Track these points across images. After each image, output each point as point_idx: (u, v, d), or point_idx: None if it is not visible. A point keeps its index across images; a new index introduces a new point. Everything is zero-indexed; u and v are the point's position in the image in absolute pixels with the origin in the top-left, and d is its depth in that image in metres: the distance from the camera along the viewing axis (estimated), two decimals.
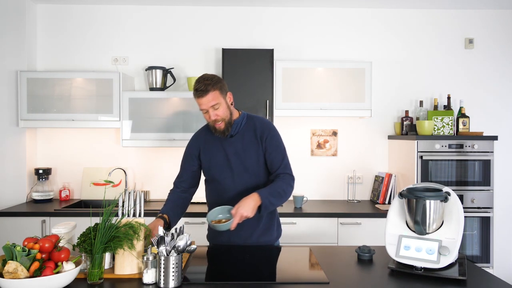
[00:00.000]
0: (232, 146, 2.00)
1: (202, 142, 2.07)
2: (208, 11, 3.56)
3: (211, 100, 1.88)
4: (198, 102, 1.90)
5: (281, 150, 2.02)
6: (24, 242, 1.45)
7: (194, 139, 2.12)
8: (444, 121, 3.24)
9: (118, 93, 3.20)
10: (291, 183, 1.97)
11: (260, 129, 2.01)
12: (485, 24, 3.61)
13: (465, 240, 3.10)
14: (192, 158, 2.08)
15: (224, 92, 1.93)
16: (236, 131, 2.01)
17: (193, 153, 2.08)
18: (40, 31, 3.53)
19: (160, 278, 1.46)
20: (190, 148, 2.11)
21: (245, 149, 1.99)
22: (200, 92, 1.87)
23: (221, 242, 2.04)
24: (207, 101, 1.88)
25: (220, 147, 2.02)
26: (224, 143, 2.02)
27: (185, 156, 2.12)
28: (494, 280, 1.57)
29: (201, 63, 3.56)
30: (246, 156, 1.98)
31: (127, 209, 1.66)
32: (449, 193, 1.65)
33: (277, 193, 1.90)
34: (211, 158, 2.03)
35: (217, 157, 2.01)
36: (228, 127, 1.96)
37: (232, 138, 2.01)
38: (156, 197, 3.54)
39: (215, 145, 2.03)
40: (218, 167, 2.01)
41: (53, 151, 3.53)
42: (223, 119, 1.93)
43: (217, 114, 1.91)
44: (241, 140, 2.00)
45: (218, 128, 1.95)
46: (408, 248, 1.63)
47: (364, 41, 3.59)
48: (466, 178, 3.10)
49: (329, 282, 1.54)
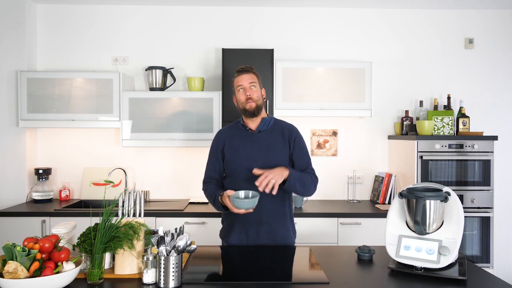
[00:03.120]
0: (259, 142, 2.06)
1: (228, 136, 2.11)
2: (208, 11, 3.56)
3: (250, 78, 2.05)
4: (237, 80, 2.06)
5: (307, 153, 2.13)
6: (24, 242, 1.45)
7: (218, 135, 2.17)
8: (444, 121, 3.24)
9: (118, 93, 3.20)
10: (315, 182, 2.07)
11: (288, 130, 2.11)
12: (485, 24, 3.61)
13: (465, 240, 3.10)
14: (218, 153, 2.11)
15: (261, 82, 2.13)
16: (264, 127, 2.09)
17: (218, 148, 2.11)
18: (40, 31, 3.53)
19: (160, 278, 1.46)
20: (216, 143, 2.15)
21: (272, 146, 2.05)
22: (243, 71, 2.06)
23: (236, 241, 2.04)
24: (247, 79, 2.05)
25: (247, 141, 2.07)
26: (251, 137, 2.07)
27: (212, 152, 2.16)
28: (494, 280, 1.57)
29: (201, 63, 3.56)
30: (272, 152, 2.04)
31: (127, 209, 1.66)
32: (449, 193, 1.65)
33: (303, 181, 1.98)
34: (236, 150, 2.06)
35: (243, 150, 2.05)
36: (258, 110, 2.05)
37: (260, 133, 2.08)
38: (156, 197, 3.54)
39: (241, 139, 2.08)
40: (243, 160, 2.03)
41: (53, 151, 3.53)
42: (256, 101, 2.04)
43: (252, 92, 2.03)
44: (268, 136, 2.08)
45: (249, 108, 2.03)
46: (408, 248, 1.63)
47: (364, 41, 3.59)
48: (466, 178, 3.09)
49: (329, 282, 1.53)
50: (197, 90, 3.33)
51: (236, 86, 2.08)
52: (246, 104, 2.04)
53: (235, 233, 2.05)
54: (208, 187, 2.10)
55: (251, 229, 2.02)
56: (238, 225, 2.05)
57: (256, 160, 2.01)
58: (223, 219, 2.19)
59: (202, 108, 3.21)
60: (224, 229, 2.16)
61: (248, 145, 2.06)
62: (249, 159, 2.02)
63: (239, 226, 2.04)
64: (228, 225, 2.11)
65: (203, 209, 3.06)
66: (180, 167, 3.55)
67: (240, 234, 2.04)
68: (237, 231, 2.05)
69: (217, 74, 3.54)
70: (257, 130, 2.08)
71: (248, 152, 2.04)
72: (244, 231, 2.03)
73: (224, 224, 2.17)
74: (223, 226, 2.17)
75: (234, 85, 2.10)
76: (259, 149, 2.04)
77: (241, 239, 2.04)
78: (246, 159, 2.03)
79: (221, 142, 2.12)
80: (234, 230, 2.05)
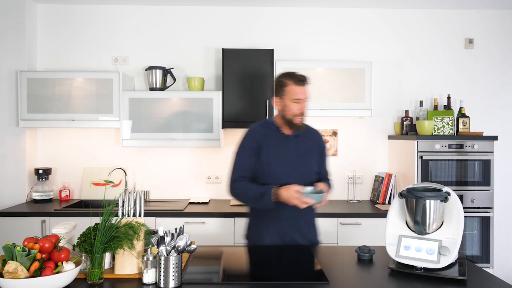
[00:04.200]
0: (296, 146, 2.07)
1: (263, 137, 2.07)
2: (208, 11, 3.56)
3: (307, 93, 2.03)
4: (297, 90, 2.00)
5: (328, 160, 2.24)
6: (24, 242, 1.45)
7: (252, 134, 2.11)
8: (444, 121, 3.24)
9: (118, 93, 3.20)
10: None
11: (317, 137, 2.19)
12: (485, 24, 3.61)
13: (465, 240, 3.10)
14: (252, 151, 2.06)
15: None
16: (299, 133, 2.09)
17: (253, 147, 2.06)
18: (40, 31, 3.53)
19: (160, 278, 1.46)
20: (250, 142, 2.08)
21: (306, 152, 2.09)
22: (303, 82, 2.01)
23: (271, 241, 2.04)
24: (306, 92, 2.03)
25: (283, 146, 2.06)
26: (287, 142, 2.07)
27: (245, 150, 2.08)
28: (494, 280, 1.57)
29: (201, 63, 3.56)
30: (307, 158, 2.08)
31: (127, 209, 1.66)
32: (449, 193, 1.65)
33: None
34: (273, 153, 2.03)
35: (279, 154, 2.04)
36: (303, 124, 2.06)
37: (296, 138, 2.09)
38: (156, 197, 3.54)
39: (277, 143, 2.06)
40: (280, 164, 2.02)
41: (53, 151, 3.53)
42: (305, 115, 2.05)
43: (305, 108, 2.04)
44: (303, 142, 2.10)
45: (297, 122, 2.02)
46: (408, 248, 1.63)
47: (364, 41, 3.59)
48: (466, 178, 3.09)
49: (329, 282, 1.54)
50: (197, 90, 3.33)
51: (292, 96, 1.99)
52: (296, 118, 2.01)
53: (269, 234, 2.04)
54: (244, 184, 2.01)
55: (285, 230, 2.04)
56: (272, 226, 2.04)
57: (292, 165, 2.02)
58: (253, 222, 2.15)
59: (202, 108, 3.21)
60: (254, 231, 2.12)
61: (284, 149, 2.05)
62: (286, 164, 2.02)
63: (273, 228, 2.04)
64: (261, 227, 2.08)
65: (203, 209, 3.06)
66: (180, 167, 3.55)
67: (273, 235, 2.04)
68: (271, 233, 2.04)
69: (217, 74, 3.54)
70: (293, 135, 2.08)
71: (285, 157, 2.03)
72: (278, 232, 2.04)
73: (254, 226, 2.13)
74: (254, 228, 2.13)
75: (288, 92, 2.01)
76: (295, 155, 2.05)
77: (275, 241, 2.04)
78: (284, 164, 2.02)
79: (257, 142, 2.06)
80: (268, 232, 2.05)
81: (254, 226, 2.13)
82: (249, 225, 2.18)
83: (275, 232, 2.04)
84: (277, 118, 2.10)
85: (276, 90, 2.08)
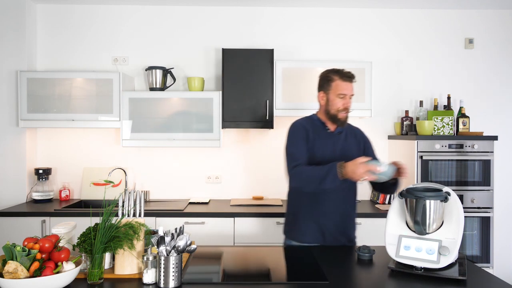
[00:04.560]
0: (339, 142, 2.09)
1: (309, 131, 2.07)
2: (208, 11, 3.56)
3: (353, 89, 2.04)
4: (342, 86, 2.01)
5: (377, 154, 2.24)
6: (24, 242, 1.45)
7: (301, 125, 2.09)
8: (444, 121, 3.24)
9: (118, 93, 3.20)
10: None
11: (360, 134, 2.20)
12: (485, 24, 3.61)
13: (465, 240, 3.10)
14: (305, 141, 2.04)
15: None
16: (342, 129, 2.12)
17: (304, 137, 2.05)
18: (40, 31, 3.54)
19: (160, 278, 1.46)
20: (301, 132, 2.06)
21: (349, 148, 2.10)
22: (349, 78, 2.02)
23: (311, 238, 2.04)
24: (352, 88, 2.04)
25: (328, 141, 2.07)
26: (332, 138, 2.08)
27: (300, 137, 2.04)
28: (494, 280, 1.57)
29: (201, 63, 3.56)
30: (350, 153, 2.08)
31: (127, 209, 1.66)
32: (449, 193, 1.65)
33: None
34: (319, 148, 2.04)
35: (325, 149, 2.04)
36: (347, 120, 2.08)
37: (340, 134, 2.10)
38: (156, 197, 3.54)
39: (322, 138, 2.07)
40: (325, 160, 2.02)
41: (53, 151, 3.53)
42: (349, 111, 2.06)
43: (350, 104, 2.04)
44: (346, 139, 2.11)
45: (342, 118, 2.04)
46: (408, 248, 1.63)
47: (364, 41, 3.59)
48: (466, 178, 3.09)
49: (329, 281, 1.54)
50: (197, 90, 3.33)
51: (337, 91, 2.01)
52: (340, 113, 2.03)
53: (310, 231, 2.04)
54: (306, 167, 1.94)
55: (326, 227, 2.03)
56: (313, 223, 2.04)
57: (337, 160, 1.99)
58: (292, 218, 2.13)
59: (202, 108, 3.21)
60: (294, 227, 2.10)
61: (329, 145, 2.06)
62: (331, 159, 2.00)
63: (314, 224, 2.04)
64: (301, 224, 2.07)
65: (203, 209, 3.06)
66: (180, 167, 3.55)
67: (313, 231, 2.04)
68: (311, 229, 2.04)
69: (217, 74, 3.54)
70: (337, 131, 2.10)
71: (330, 153, 2.04)
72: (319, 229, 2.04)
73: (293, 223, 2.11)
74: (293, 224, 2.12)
75: (333, 87, 2.02)
76: (339, 151, 2.06)
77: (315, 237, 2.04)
78: (329, 159, 2.01)
79: (306, 132, 2.06)
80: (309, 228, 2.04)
81: (293, 223, 2.12)
82: (287, 221, 2.17)
83: (315, 228, 2.04)
84: (321, 114, 2.12)
85: (321, 85, 2.10)
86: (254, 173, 3.56)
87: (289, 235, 2.15)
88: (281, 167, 3.56)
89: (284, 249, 2.00)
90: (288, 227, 2.16)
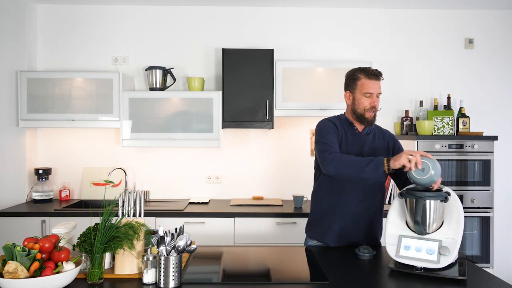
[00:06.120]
0: (367, 143, 2.06)
1: (339, 129, 2.05)
2: (208, 11, 3.56)
3: (379, 88, 1.99)
4: (368, 84, 1.97)
5: None
6: (24, 242, 1.45)
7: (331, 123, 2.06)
8: (444, 121, 3.24)
9: (118, 93, 3.20)
10: None
11: (388, 136, 2.14)
12: (485, 24, 3.61)
13: (465, 240, 3.10)
14: (336, 134, 2.01)
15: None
16: (370, 130, 2.08)
17: (335, 132, 2.02)
18: (40, 31, 3.53)
19: (160, 278, 1.46)
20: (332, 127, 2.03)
21: (377, 148, 2.07)
22: (376, 76, 1.98)
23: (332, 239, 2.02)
24: (378, 87, 1.99)
25: (356, 142, 2.04)
26: (360, 138, 2.06)
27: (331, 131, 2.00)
28: (494, 280, 1.57)
29: (201, 63, 3.56)
30: (378, 155, 2.02)
31: (127, 209, 1.66)
32: (449, 193, 1.65)
33: None
34: (347, 147, 2.02)
35: (352, 148, 2.02)
36: (374, 120, 2.04)
37: (368, 136, 2.07)
38: (156, 197, 3.54)
39: (350, 137, 2.04)
40: None
41: (53, 151, 3.53)
42: (376, 110, 2.01)
43: (377, 102, 2.00)
44: (374, 140, 2.08)
45: (369, 117, 2.00)
46: (408, 248, 1.63)
47: (364, 41, 3.59)
48: (466, 178, 3.09)
49: (329, 282, 1.54)
50: (197, 90, 3.33)
51: (363, 90, 1.97)
52: (367, 112, 1.99)
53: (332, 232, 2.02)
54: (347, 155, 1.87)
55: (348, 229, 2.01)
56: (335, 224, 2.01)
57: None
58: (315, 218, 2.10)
59: (202, 108, 3.21)
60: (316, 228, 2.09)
61: (358, 146, 2.03)
62: None
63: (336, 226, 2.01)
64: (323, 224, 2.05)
65: (203, 209, 3.06)
66: (180, 167, 3.55)
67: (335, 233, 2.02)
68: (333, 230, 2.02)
69: (217, 74, 3.54)
70: (365, 132, 2.07)
71: (357, 152, 2.01)
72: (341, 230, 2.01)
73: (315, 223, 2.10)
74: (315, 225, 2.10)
75: (359, 86, 1.99)
76: (367, 152, 2.03)
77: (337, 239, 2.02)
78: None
79: (336, 129, 2.03)
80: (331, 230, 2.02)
81: (315, 223, 2.10)
82: (309, 221, 2.15)
83: (337, 230, 2.01)
84: (348, 114, 2.10)
85: (347, 84, 2.07)
86: (254, 173, 3.56)
87: (310, 234, 2.13)
88: (281, 167, 3.57)
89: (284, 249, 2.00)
90: (310, 227, 2.14)
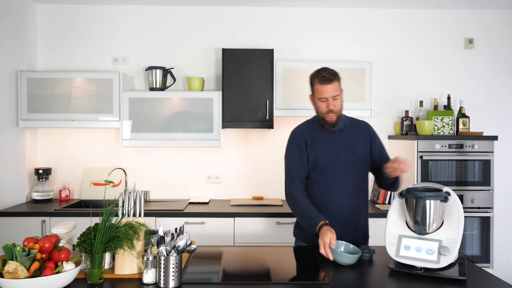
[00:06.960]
0: (342, 140, 2.06)
1: (308, 135, 2.07)
2: (208, 11, 3.56)
3: (334, 90, 1.98)
4: (321, 89, 1.98)
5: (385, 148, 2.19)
6: (24, 242, 1.45)
7: (298, 133, 2.11)
8: (444, 121, 3.24)
9: (118, 93, 3.20)
10: None
11: (365, 127, 2.14)
12: (485, 24, 3.61)
13: (465, 240, 3.10)
14: (303, 150, 2.05)
15: (341, 88, 2.04)
16: (343, 126, 2.08)
17: (301, 145, 2.05)
18: (40, 31, 3.53)
19: (160, 278, 1.46)
20: (297, 141, 2.07)
21: (354, 143, 2.06)
22: (327, 80, 1.96)
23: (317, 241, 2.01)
24: (331, 90, 1.97)
25: (329, 140, 2.05)
26: (334, 136, 2.06)
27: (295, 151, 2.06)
28: (494, 280, 1.57)
29: (201, 63, 3.56)
30: (355, 149, 2.05)
31: (127, 209, 1.66)
32: (449, 193, 1.65)
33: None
34: (320, 150, 2.03)
35: (327, 149, 2.03)
36: (338, 121, 2.04)
37: (342, 132, 2.07)
38: (156, 197, 3.54)
39: (322, 138, 2.05)
40: (328, 159, 2.02)
41: (53, 151, 3.53)
42: (337, 112, 2.01)
43: (334, 105, 1.99)
44: (349, 135, 2.08)
45: (329, 120, 2.01)
46: (408, 248, 1.63)
47: (364, 41, 3.59)
48: (466, 178, 3.09)
49: (329, 282, 1.54)
50: (197, 90, 3.33)
51: (318, 95, 2.01)
52: (326, 116, 2.01)
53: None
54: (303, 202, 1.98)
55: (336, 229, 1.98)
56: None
57: (340, 158, 2.01)
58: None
59: (202, 108, 3.21)
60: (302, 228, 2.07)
61: (331, 143, 2.04)
62: (335, 158, 2.01)
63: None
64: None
65: (203, 209, 3.06)
66: (180, 167, 3.55)
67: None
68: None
69: (217, 74, 3.54)
70: (338, 129, 2.07)
71: (332, 151, 2.02)
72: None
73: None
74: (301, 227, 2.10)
75: (315, 91, 2.02)
76: (343, 148, 2.04)
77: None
78: (332, 158, 2.01)
79: (303, 138, 2.06)
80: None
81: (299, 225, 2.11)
82: (296, 223, 2.16)
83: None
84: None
85: (310, 88, 2.09)
86: (254, 173, 3.56)
87: (298, 236, 2.15)
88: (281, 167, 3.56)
89: (284, 249, 2.00)
90: (297, 229, 2.16)
